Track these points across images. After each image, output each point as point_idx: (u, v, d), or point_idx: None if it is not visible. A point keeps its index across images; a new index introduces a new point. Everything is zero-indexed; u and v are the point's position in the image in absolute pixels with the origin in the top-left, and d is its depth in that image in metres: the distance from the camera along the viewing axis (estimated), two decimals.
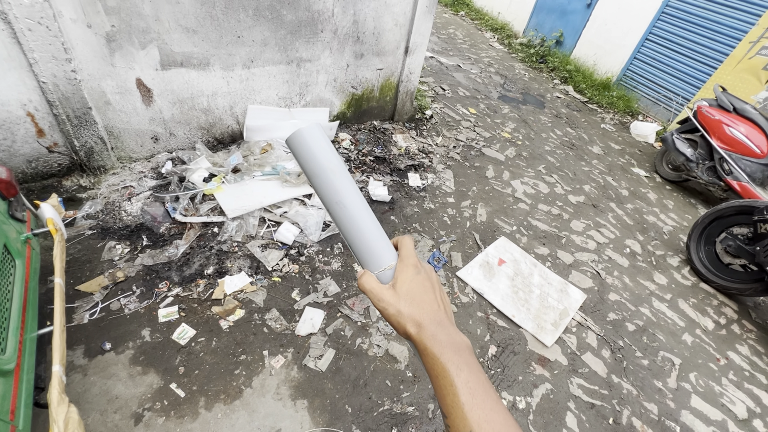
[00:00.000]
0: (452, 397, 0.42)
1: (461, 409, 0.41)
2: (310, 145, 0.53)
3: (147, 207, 2.34)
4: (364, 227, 0.54)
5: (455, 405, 0.42)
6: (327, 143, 0.54)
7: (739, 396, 2.24)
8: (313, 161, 0.53)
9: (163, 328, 1.84)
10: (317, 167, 0.53)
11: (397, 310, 0.47)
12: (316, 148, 0.53)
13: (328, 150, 0.53)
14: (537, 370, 2.09)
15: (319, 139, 0.53)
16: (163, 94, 2.45)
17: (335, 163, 0.54)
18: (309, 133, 0.53)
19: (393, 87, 3.59)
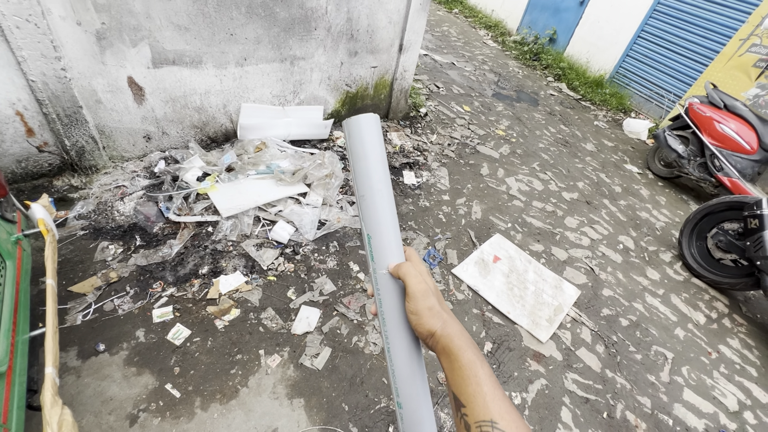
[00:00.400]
0: (475, 387, 0.45)
1: (483, 399, 0.44)
2: (366, 133, 0.56)
3: (140, 207, 2.32)
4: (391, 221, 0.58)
5: (477, 394, 0.44)
6: (380, 135, 0.58)
7: (730, 389, 2.27)
8: (363, 147, 0.56)
9: (157, 329, 1.82)
10: (366, 153, 0.56)
11: (431, 303, 0.51)
12: (375, 136, 0.56)
13: (379, 140, 0.57)
14: (532, 365, 2.10)
15: (376, 129, 0.57)
16: (155, 93, 2.42)
17: (382, 154, 0.57)
18: (369, 120, 0.56)
19: (387, 85, 3.58)
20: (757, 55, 4.42)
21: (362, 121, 0.56)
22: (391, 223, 0.58)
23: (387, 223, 0.57)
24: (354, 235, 2.54)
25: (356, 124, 0.56)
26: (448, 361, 0.48)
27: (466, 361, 0.47)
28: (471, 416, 0.43)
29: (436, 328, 0.50)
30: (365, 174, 0.56)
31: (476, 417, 0.43)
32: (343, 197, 2.75)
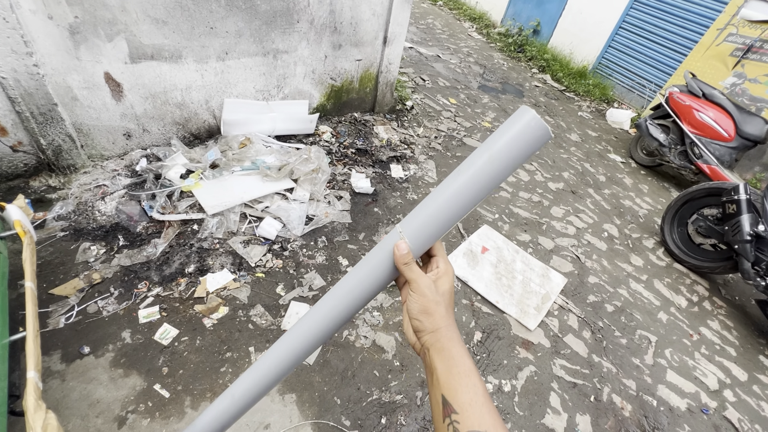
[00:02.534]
0: (473, 396, 0.44)
1: (480, 409, 0.43)
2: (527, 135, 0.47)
3: (122, 206, 2.26)
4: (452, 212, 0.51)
5: (474, 404, 0.43)
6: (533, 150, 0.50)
7: (711, 369, 2.35)
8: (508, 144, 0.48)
9: (144, 329, 1.79)
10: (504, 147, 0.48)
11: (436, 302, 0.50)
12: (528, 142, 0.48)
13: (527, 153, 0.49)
14: (521, 353, 2.14)
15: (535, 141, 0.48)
16: (133, 89, 2.36)
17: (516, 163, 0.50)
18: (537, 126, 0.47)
19: (372, 78, 3.56)
20: (733, 45, 4.52)
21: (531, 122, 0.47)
22: (453, 210, 0.51)
23: (449, 208, 0.51)
24: (342, 229, 2.53)
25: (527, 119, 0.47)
26: (446, 365, 0.47)
27: (466, 369, 0.46)
28: (464, 424, 0.43)
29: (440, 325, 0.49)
30: (485, 161, 0.49)
31: (470, 426, 0.42)
32: (330, 192, 2.74)
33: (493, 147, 0.49)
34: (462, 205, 0.51)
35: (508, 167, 0.49)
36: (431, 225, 0.52)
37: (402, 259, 0.51)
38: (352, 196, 2.80)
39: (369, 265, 0.55)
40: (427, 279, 0.51)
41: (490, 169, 0.49)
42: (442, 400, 0.45)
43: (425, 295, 0.50)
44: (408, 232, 0.53)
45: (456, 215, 0.51)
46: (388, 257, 0.53)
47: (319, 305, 0.57)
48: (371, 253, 0.56)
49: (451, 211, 0.51)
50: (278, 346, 0.58)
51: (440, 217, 0.51)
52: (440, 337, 0.49)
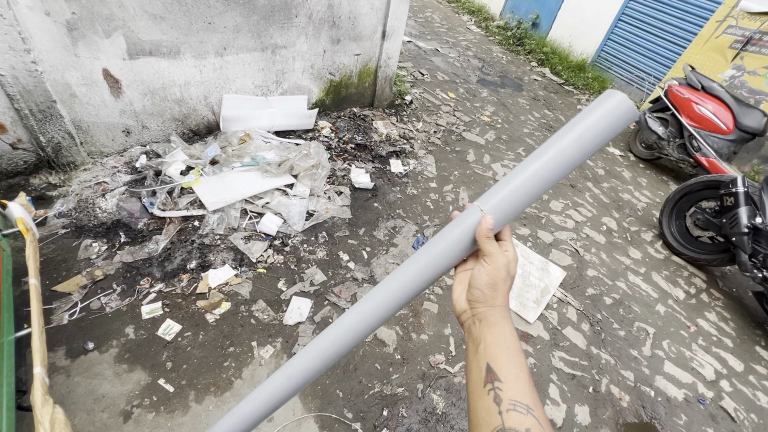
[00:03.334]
0: (519, 371, 0.46)
1: (525, 384, 0.45)
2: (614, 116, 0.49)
3: (123, 203, 2.27)
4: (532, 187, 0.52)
5: (520, 378, 0.45)
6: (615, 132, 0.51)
7: (708, 359, 2.38)
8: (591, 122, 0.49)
9: (147, 325, 1.81)
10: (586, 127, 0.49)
11: (504, 279, 0.52)
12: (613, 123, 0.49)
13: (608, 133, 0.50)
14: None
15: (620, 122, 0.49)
16: (132, 85, 2.35)
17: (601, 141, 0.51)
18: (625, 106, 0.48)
19: (371, 73, 3.55)
20: (732, 37, 4.51)
21: (620, 103, 0.48)
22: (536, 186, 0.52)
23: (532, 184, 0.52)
24: (342, 225, 2.55)
25: (616, 99, 0.49)
26: (496, 338, 0.48)
27: (516, 347, 0.48)
28: (507, 392, 0.44)
29: (505, 298, 0.51)
30: (573, 138, 0.50)
31: (512, 396, 0.43)
32: (330, 187, 2.74)
33: (581, 124, 0.50)
34: (545, 181, 0.52)
35: (595, 144, 0.50)
36: (514, 200, 0.52)
37: (486, 232, 0.52)
38: (352, 191, 2.81)
39: (447, 239, 0.56)
40: (504, 257, 0.52)
41: (578, 145, 0.50)
42: (486, 368, 0.47)
43: (498, 270, 0.51)
44: (487, 208, 0.53)
45: (538, 191, 0.52)
46: (467, 232, 0.54)
47: (393, 277, 0.57)
48: (448, 229, 0.56)
49: (535, 186, 0.52)
50: (349, 316, 0.57)
51: (523, 193, 0.52)
52: (495, 312, 0.50)
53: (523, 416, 0.41)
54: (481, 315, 0.51)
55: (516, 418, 0.41)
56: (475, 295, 0.52)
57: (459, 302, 0.56)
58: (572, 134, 0.50)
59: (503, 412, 0.42)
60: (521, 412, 0.42)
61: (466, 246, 0.55)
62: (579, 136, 0.50)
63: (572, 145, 0.50)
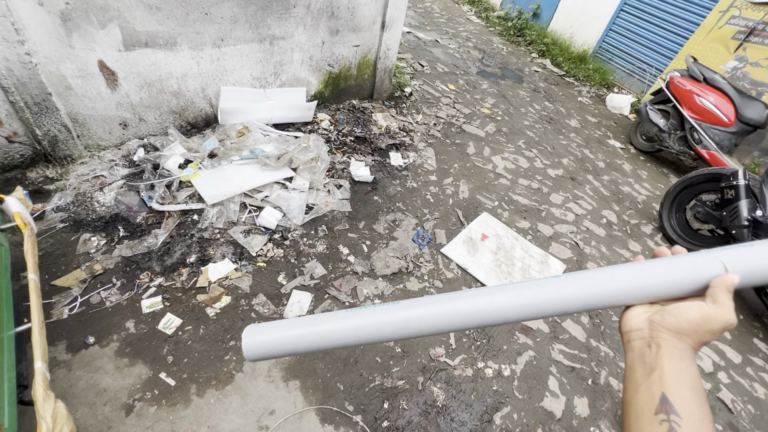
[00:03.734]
0: (704, 415, 0.43)
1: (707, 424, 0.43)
2: None
3: (121, 197, 2.26)
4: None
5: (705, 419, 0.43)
6: None
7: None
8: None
9: (147, 319, 1.81)
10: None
11: (712, 332, 0.48)
12: None
13: None
14: (520, 338, 2.17)
15: None
16: (128, 77, 2.32)
17: None
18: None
19: (371, 64, 3.51)
20: (735, 27, 4.46)
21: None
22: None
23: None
24: (342, 218, 2.54)
25: None
26: (678, 372, 0.46)
27: (702, 390, 0.45)
28: (686, 430, 0.42)
29: (692, 342, 0.48)
30: None
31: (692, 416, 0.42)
32: (330, 181, 2.73)
33: None
34: None
35: None
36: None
37: (729, 286, 0.48)
38: (352, 184, 2.79)
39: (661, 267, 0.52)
40: (727, 315, 0.48)
41: None
42: (660, 397, 0.45)
43: (714, 320, 0.47)
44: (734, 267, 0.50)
45: None
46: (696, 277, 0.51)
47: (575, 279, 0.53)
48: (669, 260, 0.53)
49: None
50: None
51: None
52: (683, 348, 0.47)
53: None
54: (663, 342, 0.48)
55: None
56: (669, 322, 0.49)
57: (635, 320, 0.52)
58: None
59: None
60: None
61: (685, 286, 0.52)
62: None
63: None
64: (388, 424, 1.69)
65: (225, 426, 1.55)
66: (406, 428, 1.70)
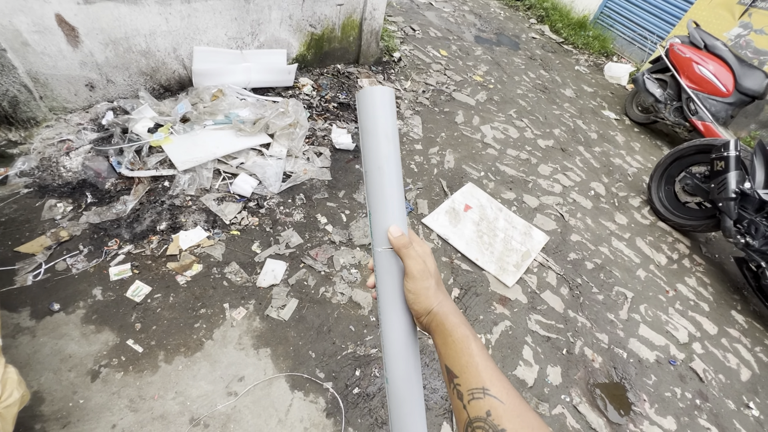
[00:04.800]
0: (468, 359, 0.48)
1: (476, 369, 0.46)
2: (376, 106, 0.54)
3: (89, 162, 2.17)
4: (396, 199, 0.56)
5: (470, 365, 0.47)
6: (392, 109, 0.56)
7: (683, 323, 2.41)
8: (373, 121, 0.54)
9: (115, 287, 1.77)
10: (374, 128, 0.54)
11: (429, 283, 0.53)
12: (380, 111, 0.54)
13: (390, 116, 0.55)
14: (498, 309, 2.16)
15: (387, 103, 0.55)
16: (90, 34, 2.18)
17: (391, 130, 0.55)
18: (381, 93, 0.54)
19: (356, 26, 3.33)
20: None
21: (376, 94, 0.54)
22: (394, 202, 0.56)
23: (390, 202, 0.56)
24: (321, 187, 2.47)
25: (369, 96, 0.54)
26: (442, 337, 0.51)
27: (460, 336, 0.49)
28: (464, 385, 0.46)
29: (432, 306, 0.52)
30: (372, 150, 0.55)
31: (469, 385, 0.46)
32: (310, 148, 2.64)
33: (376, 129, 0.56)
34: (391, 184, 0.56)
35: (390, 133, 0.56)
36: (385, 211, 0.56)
37: (401, 241, 0.54)
38: (333, 152, 2.70)
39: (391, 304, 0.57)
40: (420, 264, 0.54)
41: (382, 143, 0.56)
42: (445, 369, 0.50)
43: (418, 281, 0.53)
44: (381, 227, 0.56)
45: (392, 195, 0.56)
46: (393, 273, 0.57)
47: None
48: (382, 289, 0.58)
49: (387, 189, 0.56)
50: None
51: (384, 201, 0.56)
52: (434, 317, 0.52)
53: (481, 400, 0.44)
54: (427, 324, 0.53)
55: (476, 406, 0.44)
56: (414, 311, 0.55)
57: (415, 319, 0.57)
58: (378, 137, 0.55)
59: (466, 405, 0.45)
60: (479, 398, 0.44)
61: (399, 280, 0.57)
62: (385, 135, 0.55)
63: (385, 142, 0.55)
64: (359, 391, 1.70)
65: (193, 392, 1.55)
66: (377, 395, 1.71)
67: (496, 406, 0.42)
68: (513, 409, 0.42)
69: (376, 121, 0.54)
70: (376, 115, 0.54)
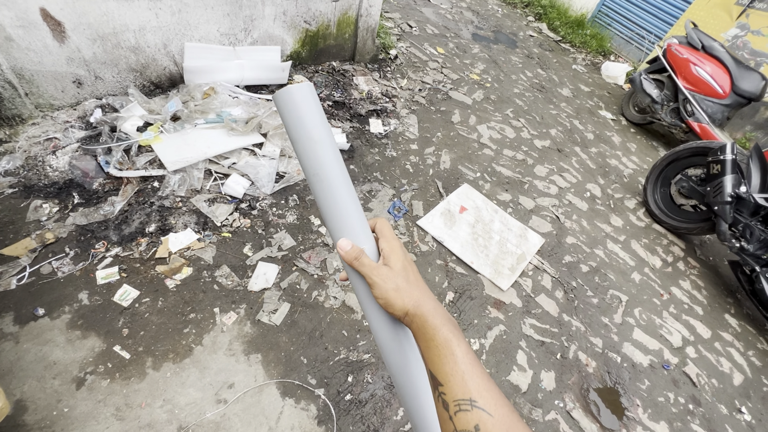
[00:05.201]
0: (452, 366, 0.44)
1: (461, 377, 0.43)
2: (297, 107, 0.49)
3: (76, 161, 2.11)
4: (341, 204, 0.52)
5: (455, 373, 0.44)
6: (316, 107, 0.50)
7: (677, 327, 2.41)
8: (297, 125, 0.49)
9: (102, 291, 1.73)
10: (300, 132, 0.49)
11: (396, 284, 0.49)
12: (302, 112, 0.49)
13: (315, 115, 0.50)
14: (492, 313, 2.14)
15: (309, 102, 0.49)
16: (77, 29, 2.11)
17: (320, 131, 0.50)
18: (299, 92, 0.48)
19: (352, 22, 3.27)
20: None
21: (295, 94, 0.49)
22: (340, 209, 0.52)
23: (336, 210, 0.52)
24: None
25: (288, 97, 0.49)
26: (424, 340, 0.47)
27: (442, 340, 0.46)
28: (449, 395, 0.43)
29: (407, 307, 0.49)
30: (304, 156, 0.51)
31: (455, 395, 0.42)
32: None
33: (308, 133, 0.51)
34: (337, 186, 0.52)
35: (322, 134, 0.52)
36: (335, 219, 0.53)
37: (351, 255, 0.51)
38: None
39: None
40: (379, 269, 0.50)
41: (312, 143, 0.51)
42: (430, 375, 0.47)
43: (381, 287, 0.50)
44: (334, 237, 0.54)
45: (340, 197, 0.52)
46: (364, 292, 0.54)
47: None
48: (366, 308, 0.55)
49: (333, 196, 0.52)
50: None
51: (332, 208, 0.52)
52: (413, 318, 0.49)
53: (469, 413, 0.41)
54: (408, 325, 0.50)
55: (463, 419, 0.41)
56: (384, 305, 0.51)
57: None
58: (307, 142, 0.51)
59: (453, 417, 0.42)
60: (466, 410, 0.41)
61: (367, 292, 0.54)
62: (309, 137, 0.50)
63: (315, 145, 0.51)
64: (351, 397, 1.68)
65: (181, 399, 1.52)
66: (369, 401, 1.69)
67: (485, 420, 0.40)
68: (502, 423, 0.40)
69: (301, 123, 0.49)
70: (301, 117, 0.49)
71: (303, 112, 0.49)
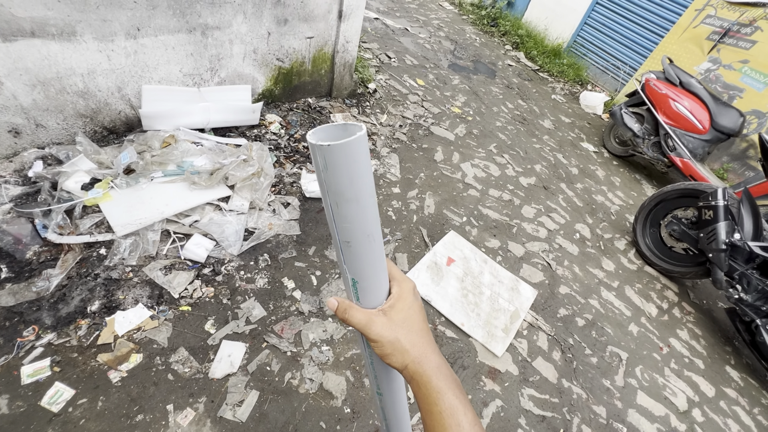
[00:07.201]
0: (440, 422, 0.42)
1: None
2: (357, 162, 0.39)
3: (7, 225, 1.82)
4: (380, 263, 0.48)
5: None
6: (368, 158, 0.41)
7: (680, 386, 2.26)
8: (353, 183, 0.40)
9: (27, 393, 1.43)
10: (355, 191, 0.41)
11: (395, 336, 0.46)
12: (362, 167, 0.39)
13: (369, 168, 0.41)
14: (487, 384, 1.94)
15: (366, 155, 0.40)
16: (13, 75, 1.85)
17: (373, 185, 0.43)
18: (358, 146, 0.38)
19: (328, 58, 3.11)
20: (711, 27, 4.34)
21: (351, 149, 0.37)
22: (381, 269, 0.48)
23: (377, 270, 0.48)
24: (289, 243, 2.20)
25: (341, 153, 0.37)
26: (426, 404, 0.44)
27: (447, 407, 0.42)
28: None
29: (406, 362, 0.45)
30: (366, 216, 0.43)
31: None
32: (276, 198, 2.37)
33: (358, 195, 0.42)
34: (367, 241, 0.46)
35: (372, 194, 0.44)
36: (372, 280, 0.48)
37: (340, 311, 0.48)
38: (302, 201, 2.45)
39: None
40: (376, 320, 0.46)
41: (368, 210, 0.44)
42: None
43: (378, 340, 0.46)
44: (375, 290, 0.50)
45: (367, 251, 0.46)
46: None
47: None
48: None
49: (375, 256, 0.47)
50: None
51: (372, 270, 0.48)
52: (413, 375, 0.45)
53: None
54: (407, 378, 0.47)
55: None
56: (382, 357, 0.48)
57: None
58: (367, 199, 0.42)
59: None
60: None
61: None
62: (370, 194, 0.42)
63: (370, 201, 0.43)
64: None
65: None
66: None
67: None
68: None
69: (360, 180, 0.40)
70: (361, 174, 0.40)
71: (363, 167, 0.39)
